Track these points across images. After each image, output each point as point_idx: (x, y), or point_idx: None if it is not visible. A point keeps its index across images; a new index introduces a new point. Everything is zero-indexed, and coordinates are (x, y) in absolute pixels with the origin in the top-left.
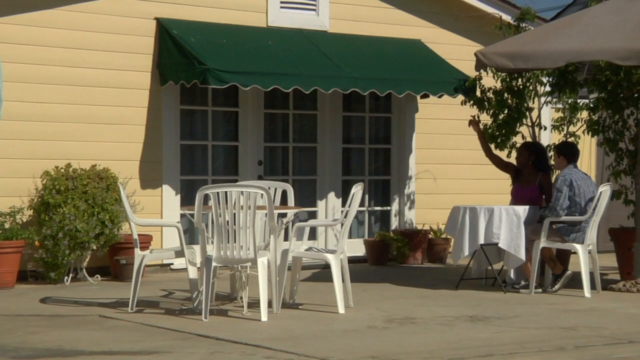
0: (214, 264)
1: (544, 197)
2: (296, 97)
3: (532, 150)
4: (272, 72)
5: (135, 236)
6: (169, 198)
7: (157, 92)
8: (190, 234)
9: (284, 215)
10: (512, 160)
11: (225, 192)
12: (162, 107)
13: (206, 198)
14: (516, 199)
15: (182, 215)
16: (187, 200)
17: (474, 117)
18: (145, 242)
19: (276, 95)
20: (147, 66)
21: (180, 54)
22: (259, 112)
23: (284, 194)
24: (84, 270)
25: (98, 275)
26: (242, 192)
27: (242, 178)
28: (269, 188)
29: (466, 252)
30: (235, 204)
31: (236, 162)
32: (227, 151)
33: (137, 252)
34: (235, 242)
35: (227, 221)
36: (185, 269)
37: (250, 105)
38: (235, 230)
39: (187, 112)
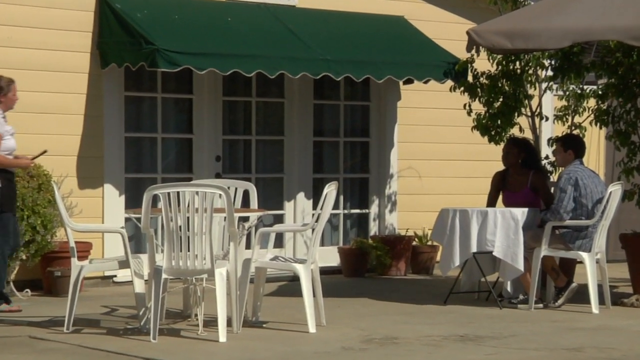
0: (164, 275)
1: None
2: (260, 83)
3: (522, 147)
4: (231, 53)
5: (72, 244)
6: (112, 199)
7: (97, 76)
8: (137, 241)
9: (245, 219)
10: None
11: (178, 193)
12: (104, 93)
13: (155, 199)
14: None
15: (127, 220)
16: (132, 201)
17: None
18: (84, 250)
19: (236, 80)
20: (85, 46)
21: (124, 32)
22: (216, 99)
23: (246, 194)
24: (12, 283)
25: (28, 290)
26: (197, 193)
27: (197, 176)
28: (229, 188)
29: (457, 263)
30: (189, 206)
31: (190, 158)
32: (179, 145)
33: (74, 262)
34: (189, 251)
35: (180, 226)
36: (131, 282)
37: (207, 92)
38: (189, 237)
39: (132, 99)
